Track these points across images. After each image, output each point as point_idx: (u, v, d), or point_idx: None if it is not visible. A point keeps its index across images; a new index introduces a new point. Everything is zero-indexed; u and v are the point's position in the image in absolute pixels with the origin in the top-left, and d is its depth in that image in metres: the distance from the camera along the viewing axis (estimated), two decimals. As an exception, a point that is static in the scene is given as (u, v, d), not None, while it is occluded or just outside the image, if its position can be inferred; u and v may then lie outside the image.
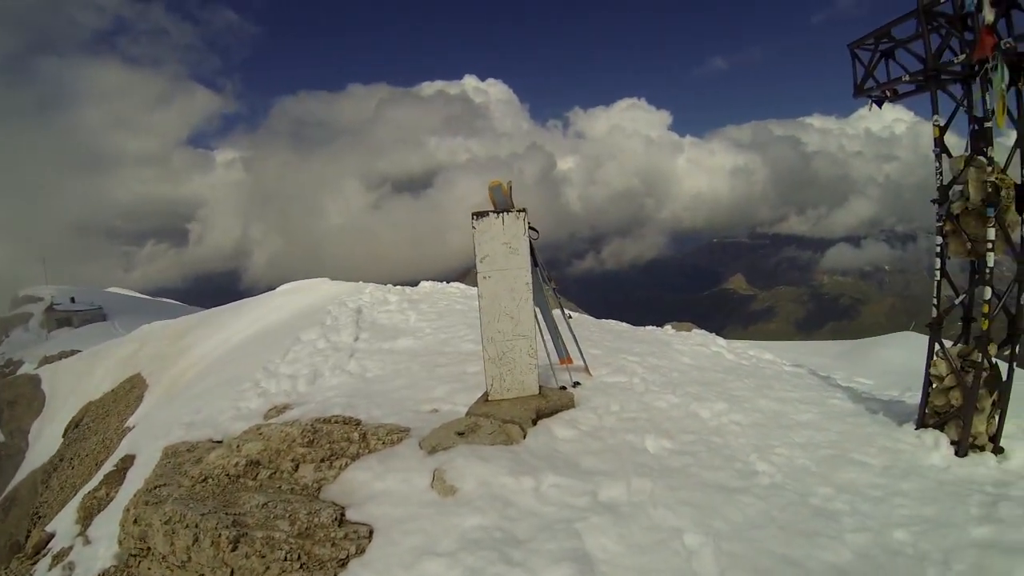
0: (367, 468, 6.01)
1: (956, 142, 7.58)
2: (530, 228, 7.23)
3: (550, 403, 7.29)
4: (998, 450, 7.28)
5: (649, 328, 15.98)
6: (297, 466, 6.26)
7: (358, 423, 7.15)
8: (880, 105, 8.87)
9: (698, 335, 14.58)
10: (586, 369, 9.23)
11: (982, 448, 7.30)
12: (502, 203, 7.26)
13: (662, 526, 5.10)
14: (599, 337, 12.63)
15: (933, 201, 7.63)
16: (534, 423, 6.93)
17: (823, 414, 8.52)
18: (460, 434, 6.43)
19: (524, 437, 6.56)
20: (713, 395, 8.74)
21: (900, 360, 17.14)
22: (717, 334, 15.05)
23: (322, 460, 6.30)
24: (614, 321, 17.45)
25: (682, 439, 6.99)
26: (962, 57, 7.15)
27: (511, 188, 7.38)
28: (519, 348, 7.20)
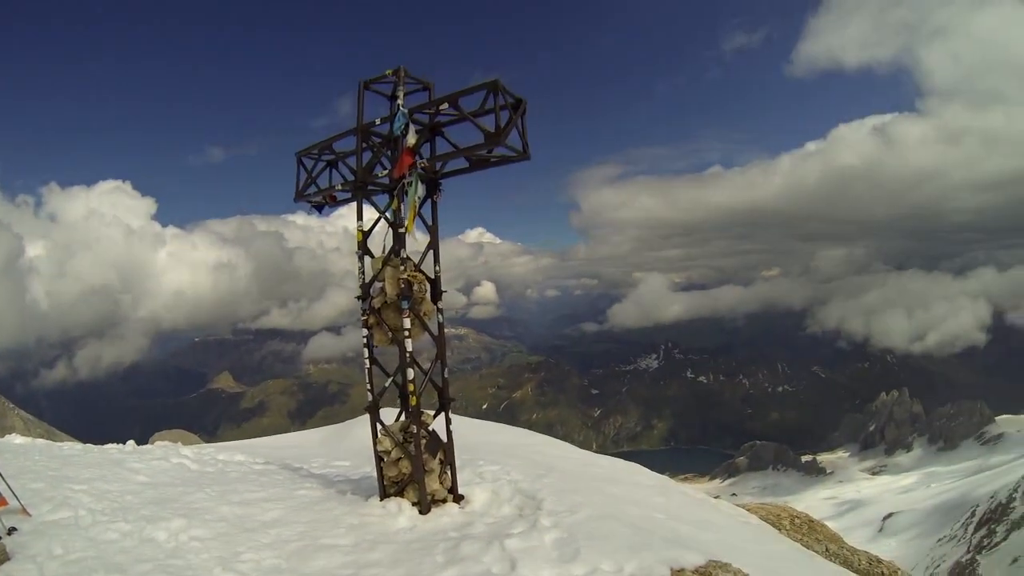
0: None
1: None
2: None
3: (-24, 561, 6.01)
4: (459, 498, 8.53)
5: (108, 446, 14.49)
6: None
7: None
8: (320, 210, 9.84)
9: (159, 448, 13.76)
10: (23, 510, 7.80)
11: (444, 501, 8.45)
12: None
13: None
14: (43, 466, 10.89)
15: (357, 298, 8.72)
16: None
17: (291, 507, 8.78)
18: None
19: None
20: (170, 512, 8.25)
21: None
22: (211, 436, 14.33)
23: None
24: (67, 444, 15.48)
25: (136, 571, 6.39)
26: (386, 172, 8.42)
27: None
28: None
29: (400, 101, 8.41)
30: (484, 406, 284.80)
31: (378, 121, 8.66)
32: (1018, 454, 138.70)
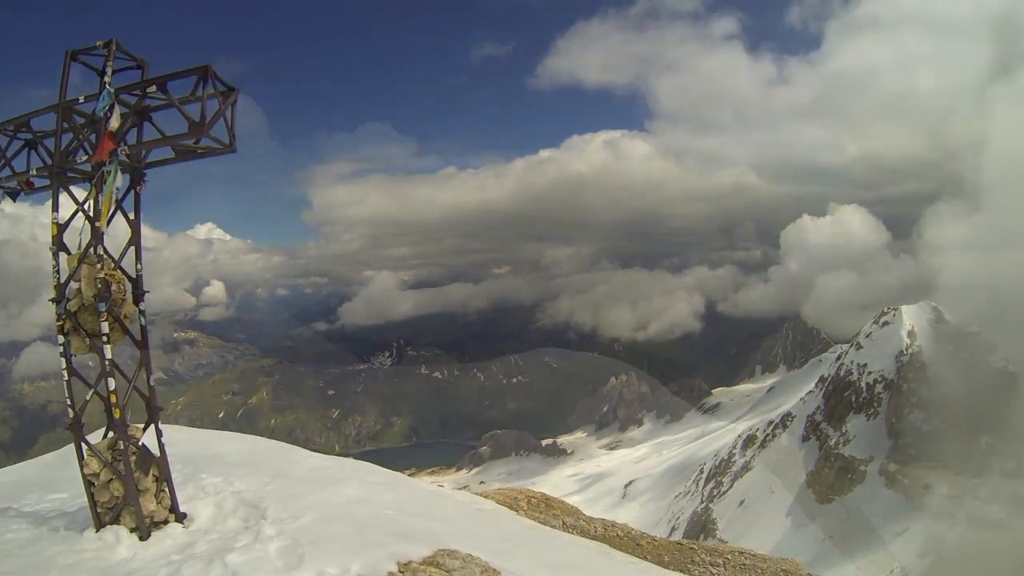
0: None
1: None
2: None
3: None
4: (181, 517, 7.86)
5: None
6: None
7: None
8: (15, 198, 8.59)
9: None
10: None
11: (165, 522, 7.75)
12: None
13: None
14: None
15: (51, 300, 7.66)
16: None
17: (-5, 555, 7.58)
18: None
19: None
20: None
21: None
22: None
23: None
24: None
25: None
26: (86, 158, 7.48)
27: None
28: None
29: (108, 79, 7.50)
30: (221, 414, 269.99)
31: (82, 99, 7.62)
32: (733, 418, 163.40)
